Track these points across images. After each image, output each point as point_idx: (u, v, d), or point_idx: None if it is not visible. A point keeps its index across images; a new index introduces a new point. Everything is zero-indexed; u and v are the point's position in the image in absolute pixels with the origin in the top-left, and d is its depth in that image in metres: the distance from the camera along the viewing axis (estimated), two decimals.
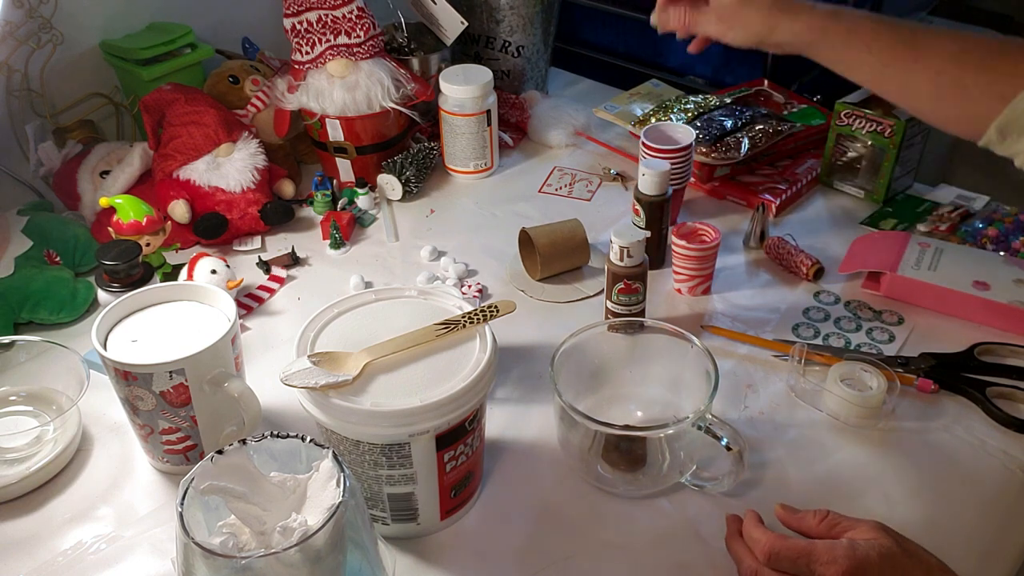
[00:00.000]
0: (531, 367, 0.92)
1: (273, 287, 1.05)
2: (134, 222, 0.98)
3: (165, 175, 1.10)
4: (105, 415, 0.87)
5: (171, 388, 0.74)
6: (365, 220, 1.17)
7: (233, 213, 1.10)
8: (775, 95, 1.33)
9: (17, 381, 0.88)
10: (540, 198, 1.21)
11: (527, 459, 0.82)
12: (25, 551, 0.75)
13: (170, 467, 0.81)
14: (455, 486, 0.73)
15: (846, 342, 0.94)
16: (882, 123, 1.11)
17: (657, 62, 1.64)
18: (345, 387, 0.67)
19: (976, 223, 1.08)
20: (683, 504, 0.77)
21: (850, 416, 0.84)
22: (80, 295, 0.99)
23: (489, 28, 1.33)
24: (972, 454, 0.81)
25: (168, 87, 1.13)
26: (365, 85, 1.15)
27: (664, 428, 0.74)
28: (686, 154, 1.07)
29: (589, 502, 0.78)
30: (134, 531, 0.76)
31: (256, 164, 1.12)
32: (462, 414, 0.68)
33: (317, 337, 0.73)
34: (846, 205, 1.17)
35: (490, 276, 1.06)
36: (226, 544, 0.57)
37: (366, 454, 0.68)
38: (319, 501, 0.60)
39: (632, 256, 0.89)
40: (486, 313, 0.73)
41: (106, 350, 0.75)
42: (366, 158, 1.21)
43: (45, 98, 1.16)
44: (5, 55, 1.11)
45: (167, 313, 0.80)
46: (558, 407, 0.76)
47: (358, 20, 1.14)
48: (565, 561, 0.73)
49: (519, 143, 1.33)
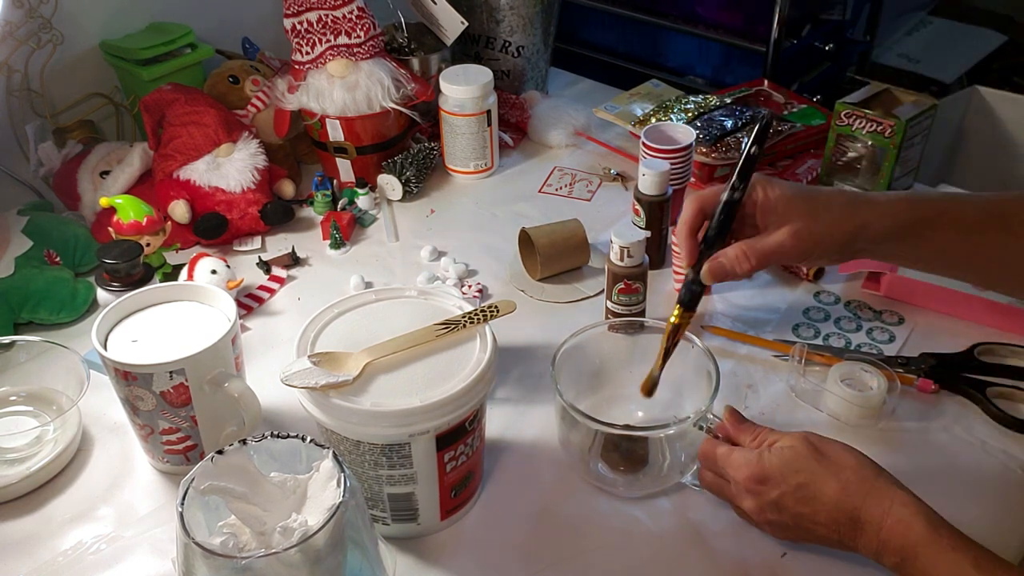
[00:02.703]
0: (531, 367, 0.92)
1: (273, 287, 1.05)
2: (134, 222, 0.98)
3: (165, 175, 1.10)
4: (105, 415, 0.87)
5: (171, 388, 0.74)
6: (365, 220, 1.17)
7: (233, 213, 1.10)
8: (775, 95, 1.33)
9: (17, 381, 0.88)
10: (540, 198, 1.21)
11: (527, 459, 0.82)
12: (25, 551, 0.75)
13: (170, 467, 0.81)
14: (455, 486, 0.73)
15: (846, 342, 0.94)
16: (882, 123, 1.11)
17: (657, 62, 1.64)
18: (345, 387, 0.67)
19: None
20: (683, 504, 0.77)
21: (850, 416, 0.84)
22: (80, 295, 0.99)
23: (489, 28, 1.33)
24: (972, 454, 0.81)
25: (168, 87, 1.13)
26: (365, 85, 1.15)
27: (665, 428, 0.74)
28: (686, 154, 1.07)
29: (589, 502, 0.78)
30: (134, 531, 0.76)
31: (256, 164, 1.12)
32: (462, 414, 0.68)
33: (317, 337, 0.73)
34: None
35: (490, 276, 1.06)
36: (226, 544, 0.57)
37: (366, 454, 0.68)
38: (319, 501, 0.60)
39: (632, 256, 0.89)
40: (486, 313, 0.73)
41: (106, 350, 0.75)
42: (366, 158, 1.21)
43: (45, 98, 1.16)
44: (5, 55, 1.11)
45: (167, 313, 0.80)
46: (559, 407, 0.76)
47: (358, 20, 1.14)
48: (565, 561, 0.73)
49: (519, 143, 1.33)
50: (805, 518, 0.66)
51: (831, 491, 0.65)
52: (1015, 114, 1.69)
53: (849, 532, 0.65)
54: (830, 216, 0.69)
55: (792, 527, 0.68)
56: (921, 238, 0.72)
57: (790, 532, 0.69)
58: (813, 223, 0.69)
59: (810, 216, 0.69)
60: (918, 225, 0.71)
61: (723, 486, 0.72)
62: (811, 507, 0.66)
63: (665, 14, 1.58)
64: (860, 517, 0.64)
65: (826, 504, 0.65)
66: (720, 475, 0.72)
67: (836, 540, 0.66)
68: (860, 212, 0.70)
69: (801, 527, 0.67)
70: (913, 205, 0.71)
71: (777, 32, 1.43)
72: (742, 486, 0.69)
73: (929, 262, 0.77)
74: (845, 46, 1.68)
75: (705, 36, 1.54)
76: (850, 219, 0.69)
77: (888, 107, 1.15)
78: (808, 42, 1.57)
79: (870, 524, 0.63)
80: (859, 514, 0.64)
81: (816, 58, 1.62)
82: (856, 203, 0.70)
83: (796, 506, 0.66)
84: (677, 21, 1.57)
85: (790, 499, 0.66)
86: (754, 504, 0.69)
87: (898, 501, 0.63)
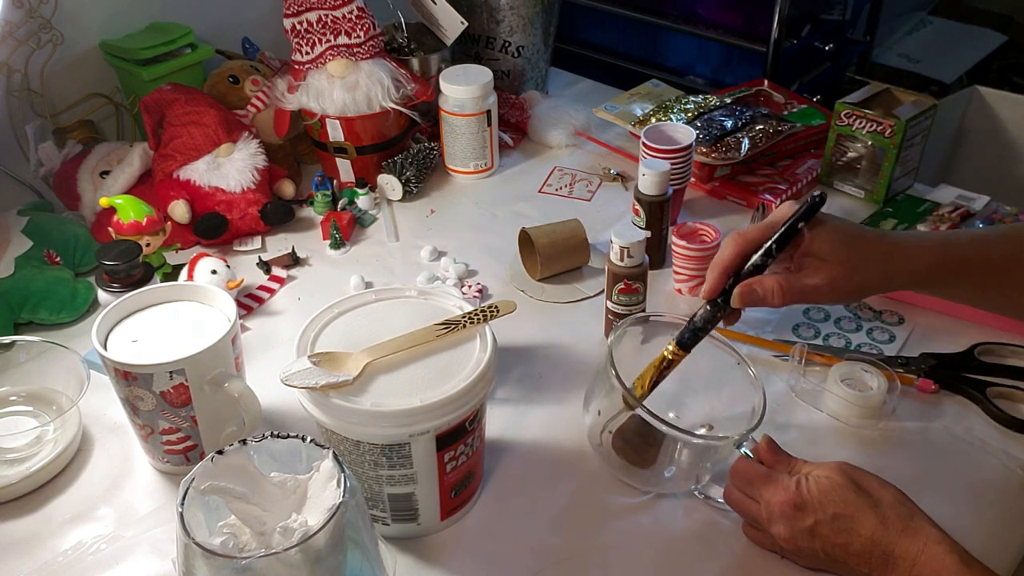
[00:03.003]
0: (531, 367, 0.92)
1: (273, 287, 1.05)
2: (134, 222, 0.98)
3: (165, 175, 1.10)
4: (105, 415, 0.87)
5: (171, 388, 0.74)
6: (365, 220, 1.17)
7: (233, 213, 1.10)
8: (775, 95, 1.33)
9: (17, 381, 0.88)
10: (540, 198, 1.21)
11: (527, 459, 0.82)
12: (25, 551, 0.75)
13: (170, 467, 0.81)
14: (455, 486, 0.73)
15: (846, 342, 0.94)
16: (882, 123, 1.11)
17: (657, 62, 1.64)
18: (345, 387, 0.67)
19: (976, 223, 1.08)
20: (685, 506, 0.77)
21: (850, 416, 0.84)
22: (80, 295, 0.99)
23: (489, 28, 1.33)
24: (972, 454, 0.81)
25: (168, 87, 1.13)
26: (365, 85, 1.15)
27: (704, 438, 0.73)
28: (686, 154, 1.07)
29: (589, 503, 0.78)
30: (134, 531, 0.76)
31: (256, 164, 1.12)
32: (462, 414, 0.68)
33: (317, 337, 0.73)
34: (846, 205, 1.16)
35: (490, 276, 1.06)
36: (226, 544, 0.57)
37: (366, 454, 0.68)
38: (319, 501, 0.60)
39: (632, 256, 0.89)
40: (486, 313, 0.73)
41: (106, 350, 0.75)
42: (366, 158, 1.21)
43: (45, 98, 1.16)
44: (5, 55, 1.11)
45: (167, 313, 0.80)
46: (606, 369, 0.73)
47: (358, 20, 1.14)
48: (565, 561, 0.73)
49: (519, 143, 1.33)
50: (838, 548, 0.66)
51: (868, 524, 0.65)
52: (1015, 114, 1.69)
53: (880, 566, 0.65)
54: (864, 268, 0.71)
55: (821, 556, 0.68)
56: (947, 284, 0.75)
57: (817, 561, 0.69)
58: (850, 273, 0.71)
59: (847, 266, 0.70)
60: (944, 275, 0.74)
61: (751, 507, 0.71)
62: (846, 538, 0.66)
63: (665, 14, 1.58)
64: (894, 553, 0.64)
65: (861, 536, 0.65)
66: (751, 496, 0.71)
67: (864, 573, 0.66)
68: (891, 263, 0.72)
69: (831, 556, 0.67)
70: (941, 255, 0.73)
71: (777, 32, 1.43)
72: (776, 511, 0.68)
73: (959, 299, 0.84)
74: (845, 46, 1.68)
75: (705, 36, 1.54)
76: (882, 271, 0.72)
77: (888, 107, 1.15)
78: (808, 42, 1.57)
79: (904, 560, 0.64)
80: (894, 549, 0.64)
81: (816, 58, 1.62)
82: (890, 254, 0.72)
83: (831, 536, 0.66)
84: (677, 21, 1.57)
85: (826, 528, 0.66)
86: (787, 530, 0.68)
87: (932, 539, 0.64)
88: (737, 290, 0.72)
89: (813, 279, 0.71)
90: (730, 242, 0.73)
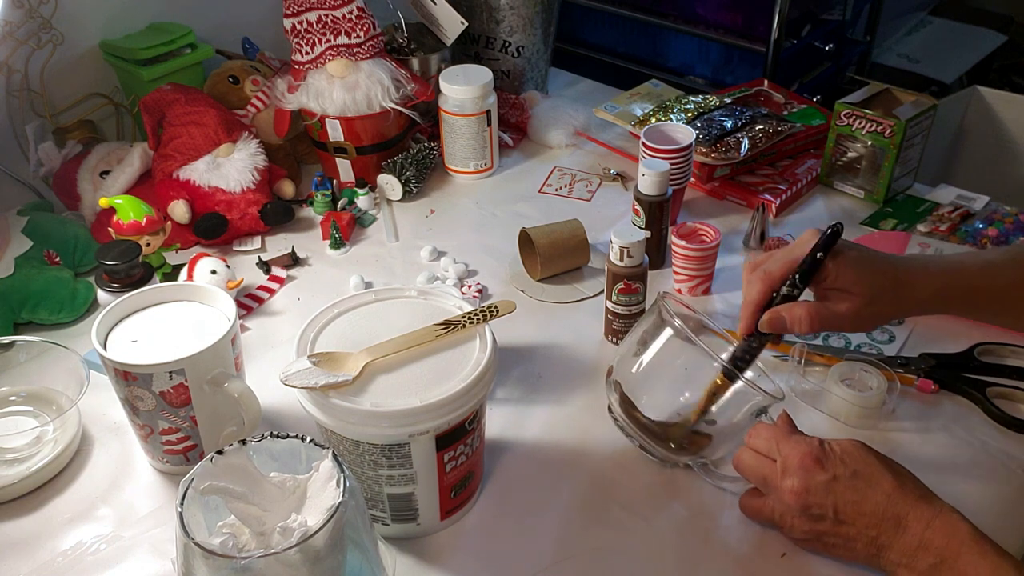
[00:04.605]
0: (531, 367, 0.92)
1: (273, 287, 1.05)
2: (134, 222, 0.98)
3: (165, 175, 1.10)
4: (105, 415, 0.87)
5: (171, 388, 0.74)
6: (365, 220, 1.17)
7: (233, 213, 1.10)
8: (775, 95, 1.33)
9: (17, 381, 0.88)
10: (540, 198, 1.21)
11: (527, 459, 0.82)
12: (25, 551, 0.75)
13: (170, 467, 0.81)
14: (455, 486, 0.73)
15: (846, 342, 0.94)
16: (882, 123, 1.11)
17: (657, 62, 1.64)
18: (345, 387, 0.67)
19: (976, 223, 1.08)
20: (685, 506, 0.77)
21: (850, 416, 0.84)
22: (80, 295, 0.99)
23: (489, 28, 1.33)
24: (972, 454, 0.81)
25: (168, 87, 1.13)
26: (365, 85, 1.15)
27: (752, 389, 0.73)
28: (686, 154, 1.07)
29: (589, 503, 0.78)
30: (134, 531, 0.76)
31: (256, 164, 1.12)
32: (462, 414, 0.68)
33: (317, 337, 0.73)
34: (846, 205, 1.17)
35: (490, 276, 1.06)
36: (226, 544, 0.57)
37: (366, 454, 0.68)
38: (319, 501, 0.60)
39: (632, 256, 0.89)
40: (486, 313, 0.73)
41: (106, 350, 0.75)
42: (366, 158, 1.21)
43: (45, 98, 1.16)
44: (5, 55, 1.11)
45: (167, 313, 0.80)
46: (673, 321, 0.75)
47: (358, 20, 1.14)
48: (565, 561, 0.73)
49: (519, 143, 1.33)
50: (851, 505, 0.67)
51: (887, 485, 0.67)
52: (1015, 114, 1.69)
53: (890, 528, 0.66)
54: (880, 299, 0.74)
55: (824, 519, 0.68)
56: (955, 308, 0.80)
57: (819, 524, 0.69)
58: (870, 306, 0.74)
59: (868, 298, 0.74)
60: (950, 301, 0.78)
61: (764, 467, 0.71)
62: (860, 495, 0.67)
63: (665, 14, 1.58)
64: (908, 516, 0.66)
65: (877, 495, 0.67)
66: (766, 454, 0.72)
67: (868, 539, 0.67)
68: (900, 293, 0.75)
69: (839, 517, 0.67)
70: (946, 282, 0.76)
71: (777, 32, 1.43)
72: (796, 462, 0.69)
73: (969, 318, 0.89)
74: (845, 46, 1.69)
75: (705, 36, 1.55)
76: (894, 301, 0.75)
77: (888, 107, 1.15)
78: (808, 42, 1.57)
79: (917, 523, 0.65)
80: (908, 512, 0.66)
81: (816, 58, 1.62)
82: (899, 283, 0.75)
83: (847, 492, 0.67)
84: (677, 21, 1.57)
85: (843, 484, 0.67)
86: (801, 483, 0.68)
87: (947, 508, 0.66)
88: (765, 317, 0.75)
89: (838, 310, 0.74)
90: (756, 280, 0.76)
